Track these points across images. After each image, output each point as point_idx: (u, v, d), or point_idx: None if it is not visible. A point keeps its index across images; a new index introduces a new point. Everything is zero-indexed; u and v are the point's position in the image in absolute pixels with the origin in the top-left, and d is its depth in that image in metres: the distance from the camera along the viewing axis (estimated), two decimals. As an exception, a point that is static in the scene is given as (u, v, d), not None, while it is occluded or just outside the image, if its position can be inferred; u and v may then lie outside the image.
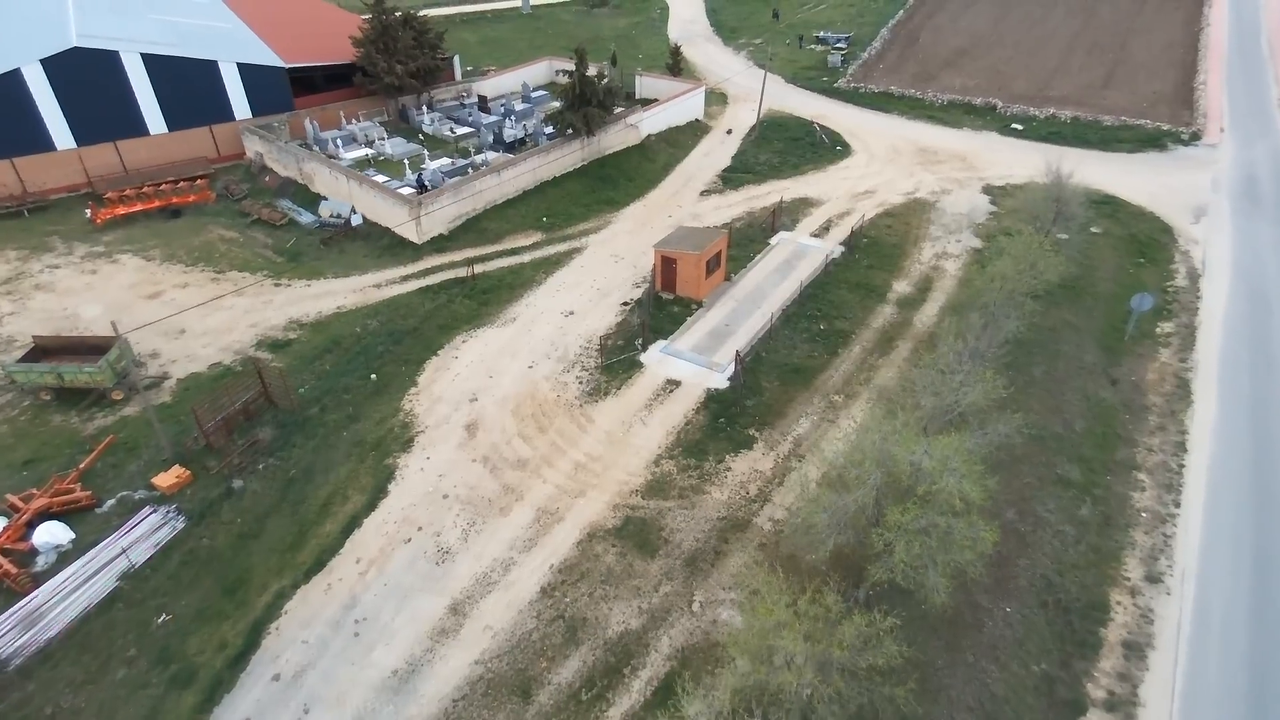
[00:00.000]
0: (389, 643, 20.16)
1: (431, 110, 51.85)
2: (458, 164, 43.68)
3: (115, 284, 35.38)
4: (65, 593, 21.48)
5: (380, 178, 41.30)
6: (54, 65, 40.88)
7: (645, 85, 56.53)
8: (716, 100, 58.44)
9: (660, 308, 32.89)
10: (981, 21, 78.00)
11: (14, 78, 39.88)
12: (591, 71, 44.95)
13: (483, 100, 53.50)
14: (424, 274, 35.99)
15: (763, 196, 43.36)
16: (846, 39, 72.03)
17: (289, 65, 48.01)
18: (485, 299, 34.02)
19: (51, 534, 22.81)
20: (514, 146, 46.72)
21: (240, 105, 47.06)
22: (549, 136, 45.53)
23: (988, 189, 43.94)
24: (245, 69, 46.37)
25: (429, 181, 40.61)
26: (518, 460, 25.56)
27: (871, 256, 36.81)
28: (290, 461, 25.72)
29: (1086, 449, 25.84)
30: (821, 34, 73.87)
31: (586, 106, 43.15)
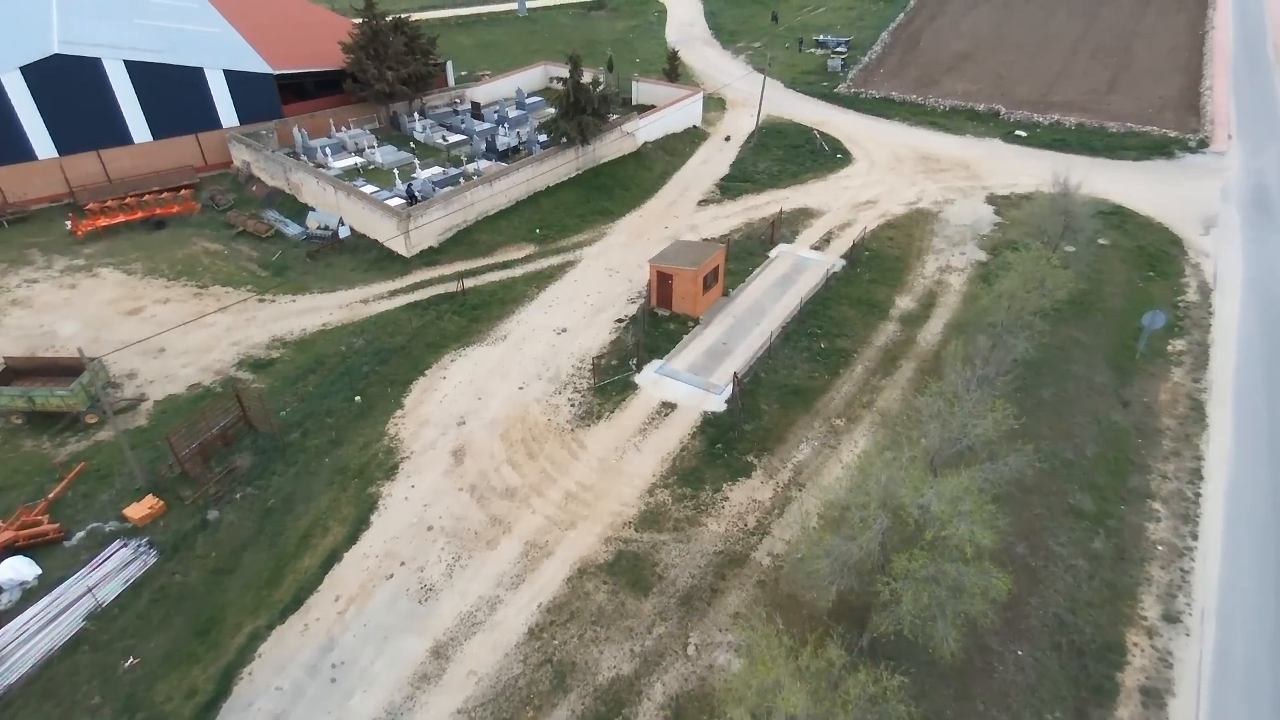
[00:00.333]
0: (368, 689, 19.12)
1: (423, 117, 50.80)
2: (449, 173, 42.63)
3: (94, 299, 34.33)
4: (29, 634, 20.44)
5: (369, 188, 40.24)
6: (34, 73, 39.84)
7: (642, 91, 55.47)
8: (715, 106, 57.41)
9: (655, 325, 31.86)
10: (983, 25, 76.96)
11: (-7, 86, 38.95)
12: (587, 78, 43.94)
13: (476, 107, 52.46)
14: (413, 289, 34.94)
15: (762, 207, 42.32)
16: (846, 43, 70.99)
17: (277, 72, 46.97)
18: (475, 315, 32.98)
19: (16, 570, 21.77)
20: (507, 154, 45.69)
21: (227, 113, 46.02)
22: (543, 145, 44.49)
23: (992, 199, 42.91)
24: (232, 76, 45.32)
25: (419, 192, 39.55)
26: (506, 489, 24.52)
27: (873, 270, 35.78)
28: (269, 490, 24.67)
29: (1098, 476, 24.81)
30: (821, 38, 72.80)
31: (581, 114, 42.11)
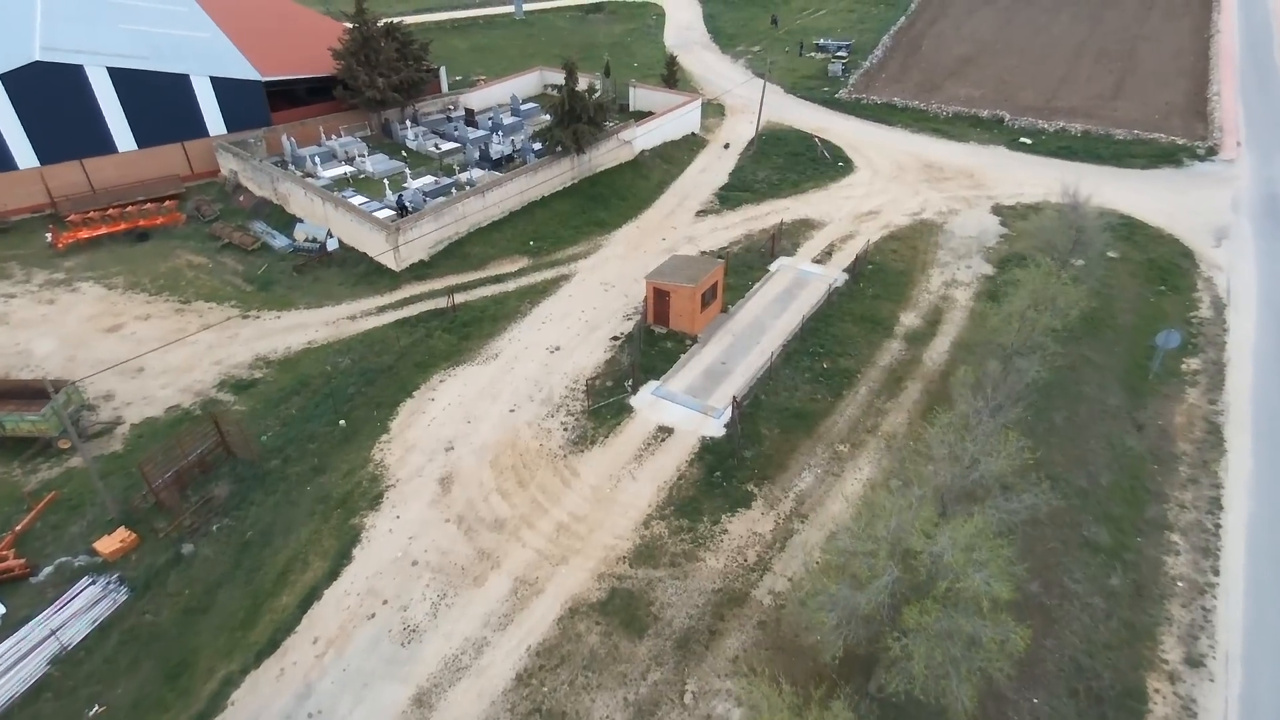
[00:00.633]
0: (345, 741, 18.08)
1: (416, 124, 49.73)
2: (441, 183, 41.55)
3: (73, 316, 33.23)
4: (-11, 680, 19.40)
5: (358, 199, 39.16)
6: (14, 80, 38.74)
7: (640, 97, 54.44)
8: (714, 112, 56.38)
9: (652, 343, 30.80)
10: (985, 28, 75.97)
11: (-29, 94, 37.88)
12: (583, 85, 42.90)
13: (470, 113, 51.36)
14: (402, 304, 33.86)
15: (761, 217, 41.27)
16: (847, 47, 69.98)
17: (266, 78, 45.90)
18: (466, 332, 31.90)
19: (-23, 610, 20.74)
20: (501, 163, 44.63)
21: (214, 120, 44.93)
22: (537, 153, 43.44)
23: (998, 209, 41.88)
24: (219, 83, 44.24)
25: (409, 203, 38.48)
26: (495, 520, 23.45)
27: (877, 285, 34.72)
28: (247, 522, 23.60)
29: (1114, 506, 23.77)
30: (821, 41, 71.79)
31: (577, 123, 41.06)
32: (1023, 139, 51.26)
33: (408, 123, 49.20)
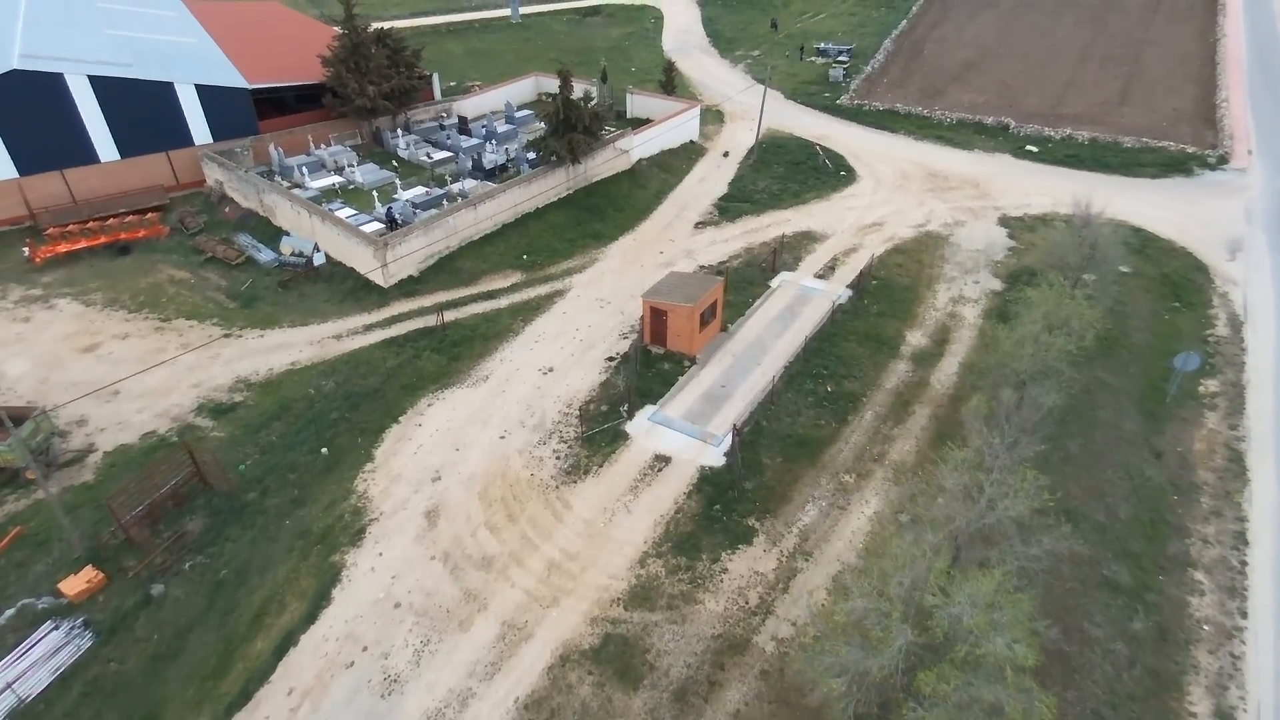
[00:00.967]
0: (319, 806, 16.91)
1: (408, 133, 48.55)
2: (433, 194, 40.35)
3: (48, 335, 32.03)
4: (-60, 737, 18.23)
5: (346, 211, 37.98)
6: (-9, 89, 37.61)
7: (637, 104, 53.29)
8: (713, 119, 55.22)
9: (648, 365, 29.61)
10: (988, 32, 74.89)
11: (-55, 104, 36.71)
12: (578, 92, 41.74)
13: (463, 121, 50.21)
14: (389, 322, 32.66)
15: (762, 229, 40.11)
16: (848, 51, 68.85)
17: (253, 86, 44.71)
18: (455, 353, 30.71)
19: (-68, 659, 19.55)
20: (494, 173, 43.44)
21: (200, 129, 43.72)
22: (531, 163, 42.27)
23: (1005, 220, 40.73)
24: (204, 90, 43.03)
25: (398, 215, 37.30)
26: (483, 558, 22.26)
27: (882, 301, 33.55)
28: (221, 559, 22.40)
29: (1134, 542, 22.61)
30: (822, 45, 70.64)
31: (572, 132, 39.90)
32: (1029, 146, 50.15)
33: (399, 131, 48.02)
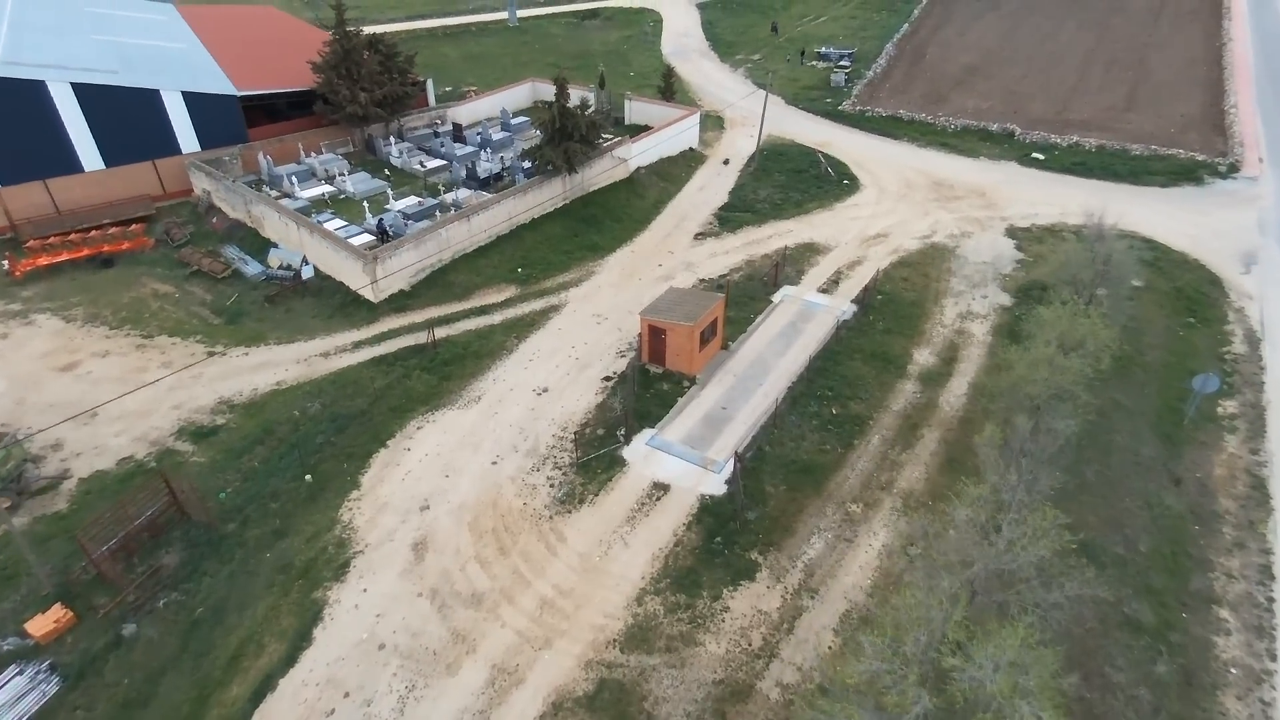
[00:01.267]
0: None
1: (401, 140, 47.50)
2: (425, 204, 39.32)
3: (25, 353, 30.95)
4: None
5: (336, 223, 36.94)
6: (-30, 97, 36.56)
7: (636, 110, 52.29)
8: (712, 124, 54.20)
9: (647, 385, 28.56)
10: (991, 36, 73.93)
11: (-78, 113, 35.65)
12: (575, 99, 40.69)
13: (457, 128, 49.15)
14: (379, 339, 31.60)
15: (763, 241, 39.06)
16: (850, 55, 67.84)
17: (242, 93, 43.65)
18: (446, 372, 29.66)
19: (-113, 708, 18.49)
20: (489, 182, 42.42)
21: (187, 137, 42.63)
22: (526, 173, 41.21)
23: (1012, 231, 39.70)
24: (191, 98, 41.93)
25: (390, 227, 36.27)
26: (472, 595, 21.20)
27: (887, 317, 32.52)
28: (198, 596, 21.34)
29: (1155, 577, 21.58)
30: (823, 50, 69.64)
31: (568, 141, 38.85)
32: (1035, 154, 49.13)
33: (392, 139, 46.97)
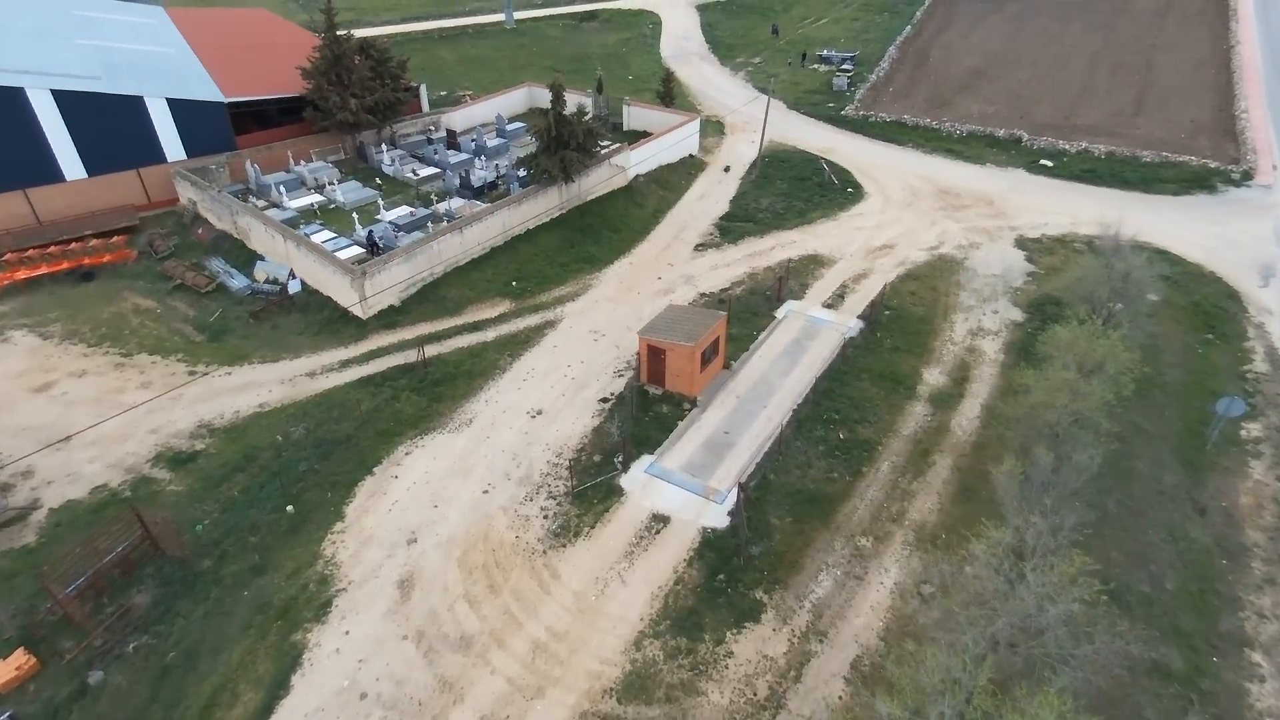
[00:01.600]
0: None
1: (393, 147, 46.30)
2: (417, 214, 38.12)
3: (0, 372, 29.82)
4: None
5: (324, 235, 35.74)
6: (-54, 105, 35.37)
7: (634, 115, 51.09)
8: (713, 130, 53.02)
9: (645, 408, 27.38)
10: (995, 38, 72.80)
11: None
12: (572, 105, 39.50)
13: (451, 135, 47.97)
14: (367, 358, 30.41)
15: (766, 252, 37.88)
16: (852, 58, 66.73)
17: (229, 99, 42.43)
18: (437, 393, 28.46)
19: None
20: (483, 191, 41.24)
21: (172, 145, 41.38)
22: (522, 181, 40.00)
23: (1022, 242, 38.53)
24: (177, 104, 40.70)
25: (380, 239, 35.08)
26: (461, 637, 20.01)
27: (895, 334, 31.34)
28: (170, 639, 20.15)
29: (1183, 618, 20.42)
30: (825, 53, 68.50)
31: (564, 149, 37.67)
32: (1043, 161, 47.99)
33: (384, 146, 45.76)
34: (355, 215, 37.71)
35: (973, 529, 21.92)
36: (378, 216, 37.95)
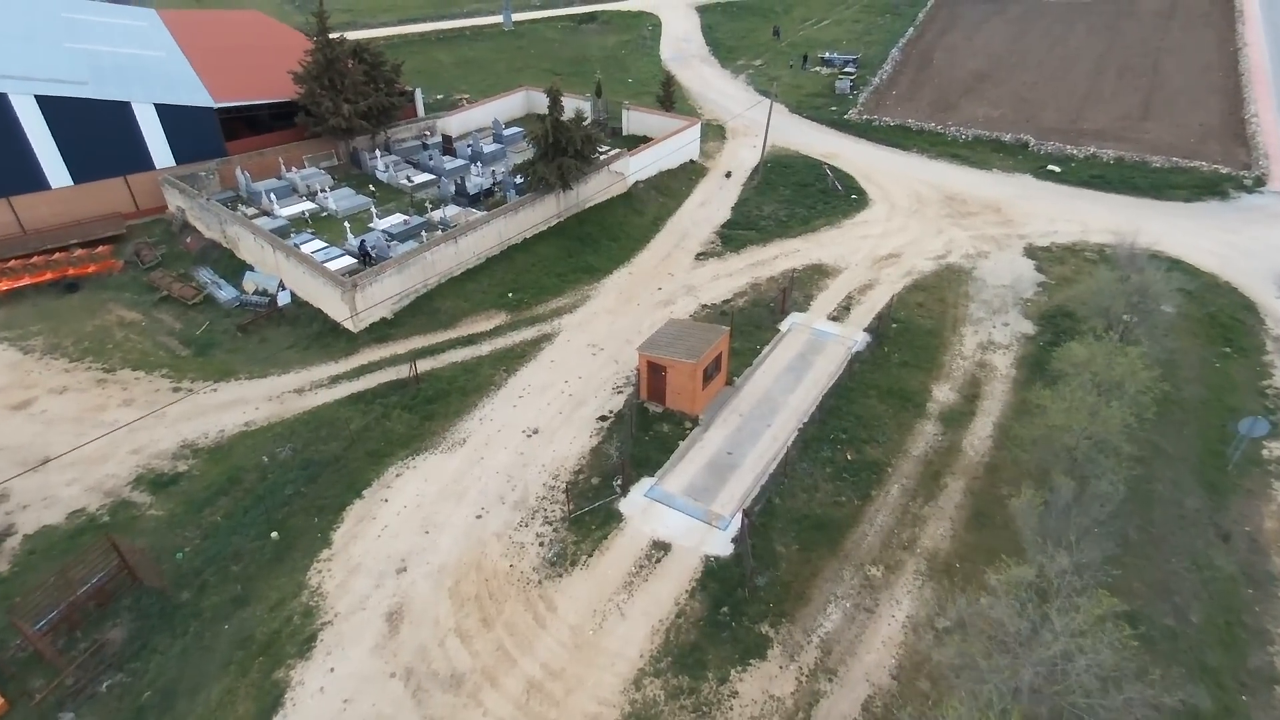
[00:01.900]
0: None
1: (388, 153, 45.34)
2: (411, 223, 37.18)
3: (-23, 389, 28.84)
4: None
5: (315, 244, 34.79)
6: (-74, 112, 34.40)
7: (634, 120, 50.15)
8: (714, 134, 52.09)
9: (645, 426, 26.41)
10: (998, 40, 71.90)
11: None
12: (570, 110, 38.54)
13: (447, 140, 47.02)
14: (358, 373, 29.44)
15: (769, 262, 36.92)
16: (854, 61, 65.78)
17: (219, 104, 41.46)
18: (429, 411, 27.50)
19: None
20: (479, 198, 40.28)
21: (160, 151, 40.40)
22: (518, 188, 39.03)
23: (1031, 251, 37.57)
24: (165, 110, 39.73)
25: (372, 248, 34.12)
26: (451, 676, 19.04)
27: (903, 348, 30.38)
28: (145, 677, 19.16)
29: (1210, 654, 19.46)
30: (827, 55, 67.60)
31: (562, 156, 36.72)
32: (1050, 166, 47.03)
33: (378, 152, 44.79)
34: (347, 224, 36.74)
35: (987, 557, 21.09)
36: (370, 225, 36.98)
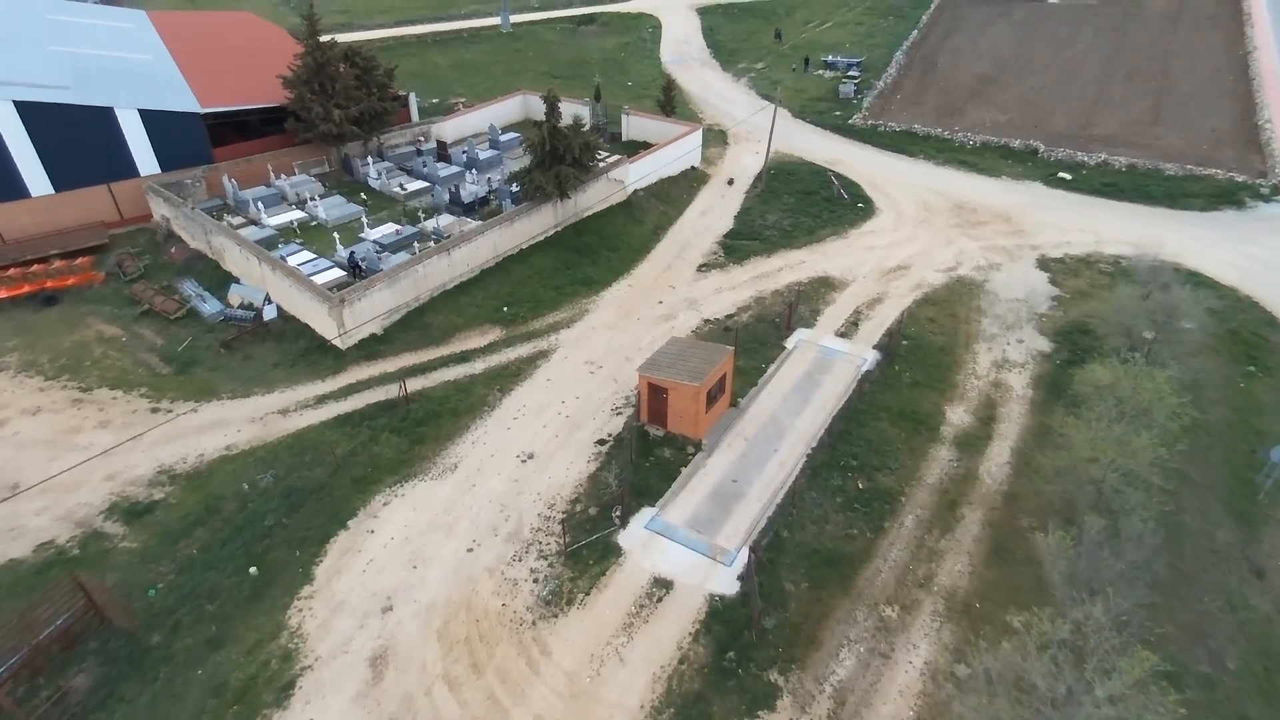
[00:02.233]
0: None
1: (380, 160, 44.07)
2: (404, 233, 35.94)
3: (-54, 409, 27.55)
4: None
5: (303, 256, 33.55)
6: (-101, 118, 33.15)
7: (634, 125, 48.95)
8: (715, 139, 50.85)
9: (646, 451, 25.15)
10: (1004, 43, 70.71)
11: None
12: (568, 116, 37.31)
13: (442, 146, 45.77)
14: (345, 393, 28.18)
15: (773, 274, 35.67)
16: (858, 64, 64.57)
17: (206, 110, 40.19)
18: (419, 434, 26.23)
19: None
20: (473, 207, 39.04)
21: (145, 158, 39.13)
22: (514, 197, 37.78)
23: (1044, 263, 36.34)
24: (150, 115, 38.46)
25: (362, 260, 32.88)
26: (438, 729, 17.82)
27: (915, 367, 29.14)
28: (111, 730, 17.95)
29: (1250, 705, 18.24)
30: (830, 58, 66.41)
31: (559, 164, 35.48)
32: (1061, 173, 45.82)
33: (370, 158, 43.53)
34: (337, 234, 35.47)
35: (1009, 595, 19.90)
36: (361, 235, 35.76)
